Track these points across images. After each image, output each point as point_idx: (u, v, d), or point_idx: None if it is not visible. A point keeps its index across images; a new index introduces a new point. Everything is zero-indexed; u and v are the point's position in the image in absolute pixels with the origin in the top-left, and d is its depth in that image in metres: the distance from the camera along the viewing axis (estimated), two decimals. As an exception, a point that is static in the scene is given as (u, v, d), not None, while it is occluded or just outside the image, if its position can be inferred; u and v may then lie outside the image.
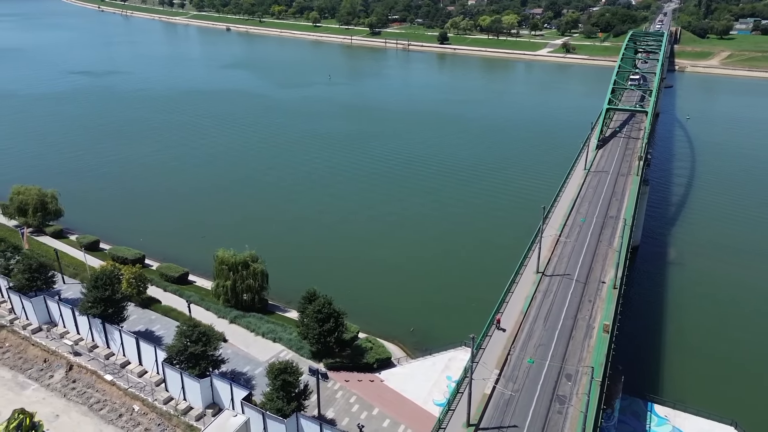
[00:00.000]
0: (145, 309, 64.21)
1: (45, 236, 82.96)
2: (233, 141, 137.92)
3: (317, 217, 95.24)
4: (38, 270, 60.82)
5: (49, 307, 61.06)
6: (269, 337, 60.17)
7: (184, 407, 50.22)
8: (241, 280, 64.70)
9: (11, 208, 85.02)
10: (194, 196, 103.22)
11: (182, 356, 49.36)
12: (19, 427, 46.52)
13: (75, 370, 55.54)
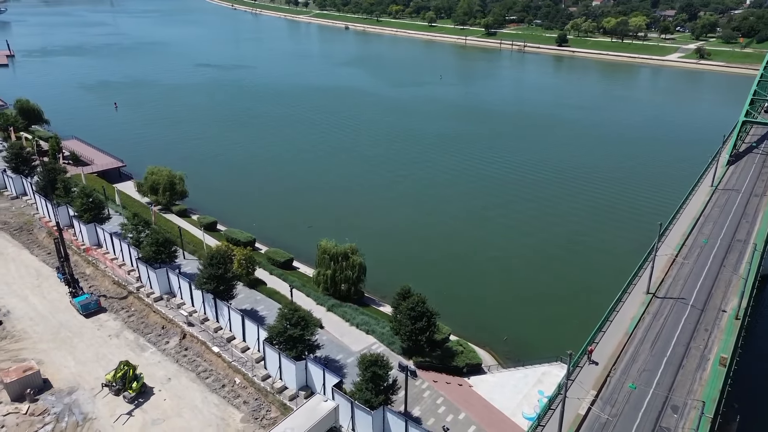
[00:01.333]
0: (251, 289, 68.44)
1: (171, 214, 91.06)
2: (343, 136, 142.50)
3: (418, 215, 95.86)
4: (164, 244, 66.84)
5: (170, 279, 66.99)
6: (363, 328, 61.67)
7: (279, 386, 52.99)
8: (340, 271, 66.88)
9: (145, 186, 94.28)
10: (304, 186, 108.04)
11: (281, 337, 52.02)
12: (123, 376, 52.16)
13: (187, 339, 60.58)
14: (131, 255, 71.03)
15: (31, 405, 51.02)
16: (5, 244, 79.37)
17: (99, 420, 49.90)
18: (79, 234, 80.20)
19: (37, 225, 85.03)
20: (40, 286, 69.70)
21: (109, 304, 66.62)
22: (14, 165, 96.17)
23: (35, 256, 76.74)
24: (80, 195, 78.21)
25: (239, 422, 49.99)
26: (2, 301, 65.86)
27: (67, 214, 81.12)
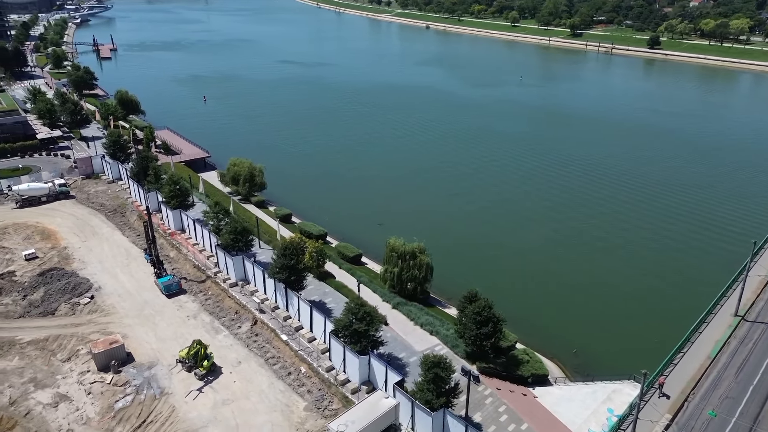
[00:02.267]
0: (321, 282, 70.06)
1: (250, 204, 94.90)
2: (419, 136, 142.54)
3: (489, 219, 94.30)
4: (241, 233, 69.79)
5: (246, 267, 69.88)
6: (427, 328, 61.52)
7: (342, 379, 53.95)
8: (407, 269, 67.06)
9: (227, 177, 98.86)
10: (377, 184, 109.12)
11: (347, 331, 52.91)
12: (195, 354, 54.96)
13: (258, 326, 62.98)
14: (211, 241, 74.68)
15: (114, 376, 54.96)
16: (100, 225, 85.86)
17: (174, 395, 52.96)
18: (165, 219, 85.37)
19: (130, 208, 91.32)
20: (129, 266, 74.85)
21: (188, 287, 70.46)
22: (112, 152, 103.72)
23: (126, 237, 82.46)
24: (169, 182, 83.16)
25: (302, 410, 51.39)
26: (95, 278, 71.30)
27: (156, 200, 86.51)
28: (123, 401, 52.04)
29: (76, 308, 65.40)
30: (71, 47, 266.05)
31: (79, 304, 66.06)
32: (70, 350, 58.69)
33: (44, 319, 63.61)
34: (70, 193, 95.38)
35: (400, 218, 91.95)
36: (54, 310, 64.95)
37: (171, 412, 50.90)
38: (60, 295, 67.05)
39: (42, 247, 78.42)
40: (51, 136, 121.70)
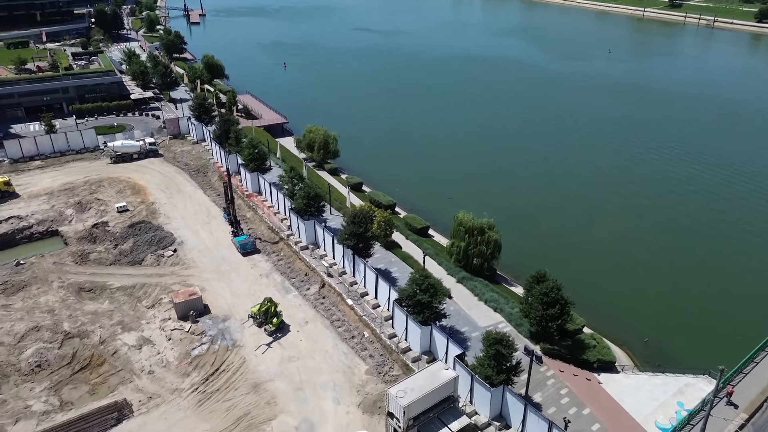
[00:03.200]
0: (387, 251, 70.94)
1: (323, 171, 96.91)
2: (495, 110, 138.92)
3: (565, 200, 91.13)
4: (314, 198, 71.59)
5: (316, 231, 71.86)
6: (491, 305, 61.05)
7: (404, 347, 54.89)
8: (474, 245, 66.47)
9: (303, 143, 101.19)
10: (449, 157, 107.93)
11: (411, 301, 53.51)
12: (266, 311, 57.57)
13: (326, 289, 64.97)
14: (285, 205, 77.22)
15: (192, 325, 58.81)
16: (185, 183, 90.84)
17: (245, 348, 56.06)
18: (244, 181, 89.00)
19: (211, 169, 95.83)
20: (209, 223, 79.00)
21: (262, 247, 73.56)
22: (197, 114, 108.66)
23: (207, 196, 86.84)
24: (248, 146, 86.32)
25: (363, 373, 52.92)
26: (178, 233, 75.88)
27: (236, 162, 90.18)
28: (199, 349, 55.72)
29: (160, 260, 70.12)
30: (164, 12, 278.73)
31: (164, 256, 70.76)
32: (154, 298, 63.28)
33: (132, 268, 68.76)
34: (159, 151, 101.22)
35: (471, 193, 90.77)
36: (141, 260, 70.00)
37: (242, 363, 54.00)
38: (147, 247, 72.06)
39: (132, 201, 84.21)
40: (143, 97, 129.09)
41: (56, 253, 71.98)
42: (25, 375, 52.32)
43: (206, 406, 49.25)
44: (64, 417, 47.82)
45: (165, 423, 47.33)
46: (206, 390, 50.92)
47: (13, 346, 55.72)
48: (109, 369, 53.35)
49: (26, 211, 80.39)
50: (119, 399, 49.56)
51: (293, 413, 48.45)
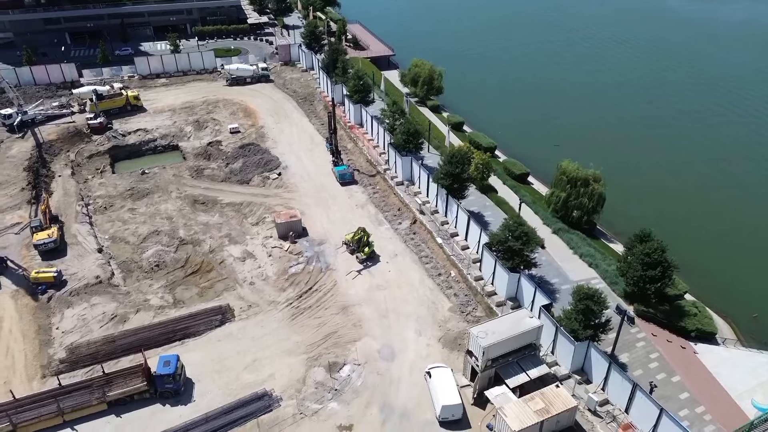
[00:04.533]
0: (482, 194, 69.97)
1: (424, 108, 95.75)
2: (616, 53, 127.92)
3: (683, 159, 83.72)
4: (413, 135, 71.35)
5: (413, 168, 72.12)
6: (586, 260, 58.97)
7: (489, 290, 55.02)
8: (576, 196, 63.70)
9: (407, 77, 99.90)
10: (560, 102, 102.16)
11: (501, 246, 52.99)
12: (359, 240, 59.66)
13: (417, 225, 65.87)
14: (385, 139, 77.79)
15: (291, 245, 62.50)
16: (292, 110, 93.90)
17: (337, 272, 58.99)
18: (347, 112, 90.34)
19: (317, 98, 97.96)
20: (312, 151, 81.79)
21: (360, 179, 75.34)
22: (308, 42, 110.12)
23: (312, 124, 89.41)
24: (354, 77, 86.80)
25: (447, 310, 54.06)
26: (283, 157, 79.40)
27: (341, 93, 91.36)
28: (295, 268, 59.43)
29: (266, 181, 74.24)
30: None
31: (269, 178, 74.77)
32: (258, 216, 67.65)
33: (240, 186, 73.49)
34: (270, 77, 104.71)
35: (580, 144, 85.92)
36: (249, 179, 74.51)
37: (333, 286, 57.09)
38: (254, 168, 76.37)
39: (244, 123, 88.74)
40: (259, 22, 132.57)
41: (176, 166, 78.45)
42: (146, 272, 58.92)
43: (298, 320, 53.05)
44: (176, 313, 53.71)
45: (261, 330, 51.75)
46: (299, 306, 54.68)
47: (137, 246, 62.62)
48: (216, 276, 58.64)
49: (152, 125, 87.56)
50: (223, 304, 54.65)
51: (377, 337, 50.97)
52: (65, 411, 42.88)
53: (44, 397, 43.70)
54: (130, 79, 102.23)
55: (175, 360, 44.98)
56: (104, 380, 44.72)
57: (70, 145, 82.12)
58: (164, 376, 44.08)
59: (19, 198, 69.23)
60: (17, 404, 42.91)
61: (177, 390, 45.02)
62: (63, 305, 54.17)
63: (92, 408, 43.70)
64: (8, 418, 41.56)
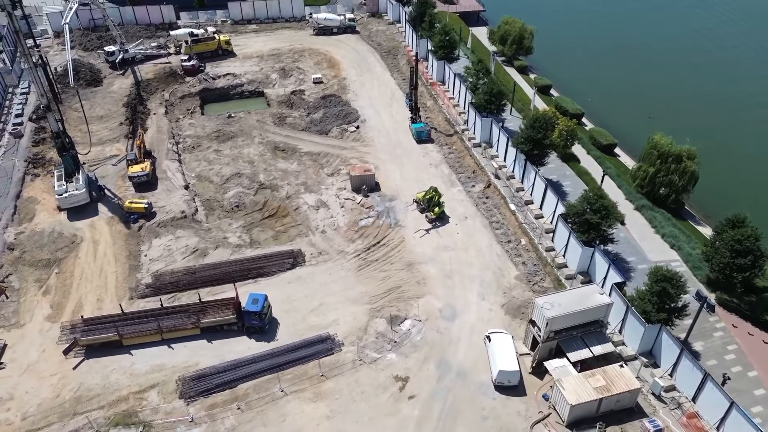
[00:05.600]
0: (563, 163, 67.31)
1: (511, 68, 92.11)
2: (740, 22, 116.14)
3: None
4: (496, 95, 69.05)
5: (492, 130, 70.26)
6: (668, 240, 55.90)
7: (560, 262, 53.66)
8: (665, 172, 59.92)
9: (496, 35, 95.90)
10: (660, 72, 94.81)
11: (577, 218, 51.19)
12: (430, 199, 59.60)
13: (490, 189, 64.71)
14: (466, 98, 75.93)
15: (363, 198, 63.46)
16: (375, 63, 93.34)
17: (405, 228, 59.51)
18: (430, 68, 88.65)
19: (401, 52, 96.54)
20: (391, 106, 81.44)
21: (436, 137, 74.50)
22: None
23: (393, 78, 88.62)
24: (440, 32, 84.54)
25: (513, 278, 53.43)
26: (362, 111, 79.64)
27: (426, 48, 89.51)
28: (365, 221, 60.50)
29: (344, 134, 75.09)
30: None
31: (347, 130, 75.53)
32: (334, 167, 68.92)
33: (319, 137, 74.84)
34: (356, 28, 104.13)
35: (676, 118, 79.54)
36: (328, 131, 75.64)
37: (400, 242, 57.76)
38: (334, 120, 77.29)
39: (327, 74, 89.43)
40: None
41: (260, 112, 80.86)
42: (226, 212, 62.09)
43: (364, 271, 54.38)
44: (252, 253, 56.57)
45: (329, 277, 53.61)
46: (366, 258, 55.92)
47: (220, 186, 65.86)
48: (290, 221, 60.88)
49: (240, 70, 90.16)
50: (295, 248, 56.85)
51: (439, 296, 51.45)
52: (164, 330, 47.04)
53: (147, 314, 48.16)
54: (222, 23, 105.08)
55: (263, 299, 47.49)
56: (200, 307, 48.38)
57: (165, 85, 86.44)
58: (252, 312, 46.72)
59: (117, 132, 74.25)
60: (125, 318, 47.72)
61: (262, 327, 47.67)
62: (151, 235, 58.43)
63: (187, 331, 47.49)
64: (116, 329, 46.29)
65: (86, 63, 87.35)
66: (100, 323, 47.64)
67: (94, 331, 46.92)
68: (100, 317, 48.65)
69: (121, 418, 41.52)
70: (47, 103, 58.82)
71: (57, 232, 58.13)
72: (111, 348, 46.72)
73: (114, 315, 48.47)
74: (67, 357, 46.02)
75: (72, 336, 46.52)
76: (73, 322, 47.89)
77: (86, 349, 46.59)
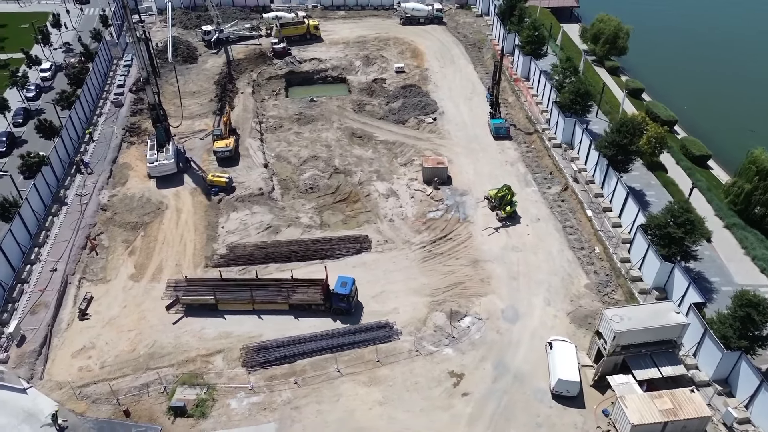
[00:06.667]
0: (649, 171, 63.82)
1: (601, 68, 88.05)
2: None
3: None
4: (582, 96, 66.35)
5: (575, 132, 67.62)
6: (759, 263, 51.82)
7: (635, 275, 51.14)
8: (763, 191, 55.39)
9: (588, 33, 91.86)
10: (766, 84, 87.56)
11: (659, 231, 48.53)
12: (502, 198, 58.27)
13: (567, 192, 62.54)
14: (550, 97, 73.53)
15: (433, 191, 63.24)
16: (459, 56, 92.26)
17: (474, 225, 58.80)
18: (515, 63, 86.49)
19: (487, 45, 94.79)
20: (471, 100, 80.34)
21: (515, 134, 72.80)
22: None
23: (476, 72, 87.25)
24: (529, 27, 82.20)
25: (582, 287, 51.55)
26: (442, 103, 79.10)
27: (513, 42, 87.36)
28: (434, 213, 60.33)
29: (420, 124, 74.99)
30: None
31: (424, 122, 75.35)
32: (407, 158, 69.08)
33: (396, 126, 75.19)
34: (443, 19, 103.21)
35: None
36: (405, 120, 75.82)
37: (467, 238, 57.17)
38: (412, 110, 77.31)
39: (409, 64, 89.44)
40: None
41: (341, 98, 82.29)
42: (301, 192, 63.91)
43: (428, 263, 54.35)
44: (321, 234, 57.99)
45: (393, 265, 54.02)
46: (432, 250, 55.82)
47: (297, 167, 67.84)
48: (360, 207, 61.78)
49: (326, 56, 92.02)
50: (363, 234, 57.68)
51: (503, 297, 50.57)
52: (256, 301, 49.05)
53: (243, 284, 50.27)
54: (313, 8, 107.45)
55: (351, 282, 48.40)
56: (291, 284, 49.74)
57: (254, 66, 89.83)
58: (340, 295, 47.80)
59: (207, 107, 78.08)
60: (222, 284, 50.19)
61: (348, 309, 48.68)
62: (229, 208, 61.24)
63: (276, 305, 49.19)
64: (214, 293, 48.88)
65: (184, 40, 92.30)
66: (200, 286, 50.21)
67: (195, 292, 49.58)
68: (201, 280, 51.32)
69: (188, 377, 44.08)
70: (147, 76, 62.84)
71: (145, 198, 62.21)
72: (206, 310, 49.20)
73: (213, 279, 51.03)
74: (168, 312, 48.97)
75: (175, 294, 49.41)
76: (177, 281, 50.79)
77: (186, 308, 49.35)
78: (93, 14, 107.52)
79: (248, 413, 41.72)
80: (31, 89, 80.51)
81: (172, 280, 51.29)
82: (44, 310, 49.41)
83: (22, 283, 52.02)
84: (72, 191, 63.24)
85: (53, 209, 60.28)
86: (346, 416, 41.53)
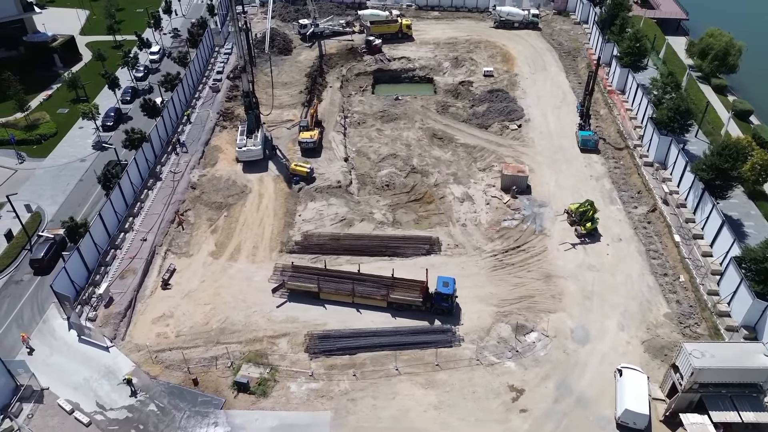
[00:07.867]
0: (749, 200, 59.35)
1: (706, 86, 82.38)
2: None
3: None
4: (682, 114, 62.42)
5: (670, 151, 63.43)
6: None
7: (722, 310, 47.57)
8: None
9: (695, 48, 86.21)
10: None
11: (755, 265, 44.95)
12: (583, 213, 56.06)
13: (655, 215, 59.09)
14: (646, 112, 69.75)
15: (511, 199, 61.87)
16: (551, 62, 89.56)
17: (550, 238, 56.96)
18: (611, 74, 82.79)
19: (582, 54, 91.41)
20: (560, 109, 77.78)
21: (603, 149, 69.71)
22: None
23: (568, 81, 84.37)
24: (630, 37, 78.31)
25: (662, 315, 48.61)
26: (528, 110, 77.10)
27: (611, 52, 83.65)
28: (509, 222, 59.04)
29: (504, 130, 73.57)
30: None
31: (508, 128, 73.86)
32: (487, 163, 68.04)
33: (478, 130, 74.23)
34: (539, 24, 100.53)
35: None
36: (488, 125, 74.69)
37: (542, 251, 55.48)
38: (496, 115, 76.01)
39: (499, 68, 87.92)
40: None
41: (426, 98, 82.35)
42: (377, 189, 64.66)
43: (498, 273, 53.29)
44: (392, 232, 58.38)
45: (461, 271, 53.41)
46: (503, 260, 54.69)
47: (375, 163, 68.67)
48: (434, 209, 61.59)
49: (415, 55, 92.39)
50: (434, 236, 57.47)
51: (573, 316, 48.69)
52: (356, 294, 49.79)
53: (345, 276, 50.92)
54: (408, 8, 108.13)
55: (453, 282, 48.31)
56: (391, 282, 49.96)
57: (344, 61, 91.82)
58: (443, 294, 47.89)
59: (296, 99, 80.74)
60: (326, 273, 51.18)
61: (449, 309, 48.76)
62: (308, 197, 63.09)
63: (376, 301, 49.70)
64: (317, 282, 50.10)
65: (281, 33, 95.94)
66: (305, 273, 51.46)
67: (300, 278, 50.82)
68: (306, 267, 52.33)
69: (253, 356, 45.93)
70: (244, 64, 65.92)
71: (231, 180, 65.36)
72: (309, 298, 50.17)
73: (317, 268, 52.10)
74: (273, 295, 50.58)
75: (282, 278, 51.04)
76: (284, 266, 52.36)
77: (290, 293, 50.71)
78: (201, 3, 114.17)
79: (306, 398, 42.85)
80: (141, 70, 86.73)
81: (279, 264, 52.69)
82: (132, 276, 53.22)
83: (116, 249, 56.28)
84: (167, 168, 67.62)
85: (149, 183, 64.73)
86: (400, 415, 41.66)
